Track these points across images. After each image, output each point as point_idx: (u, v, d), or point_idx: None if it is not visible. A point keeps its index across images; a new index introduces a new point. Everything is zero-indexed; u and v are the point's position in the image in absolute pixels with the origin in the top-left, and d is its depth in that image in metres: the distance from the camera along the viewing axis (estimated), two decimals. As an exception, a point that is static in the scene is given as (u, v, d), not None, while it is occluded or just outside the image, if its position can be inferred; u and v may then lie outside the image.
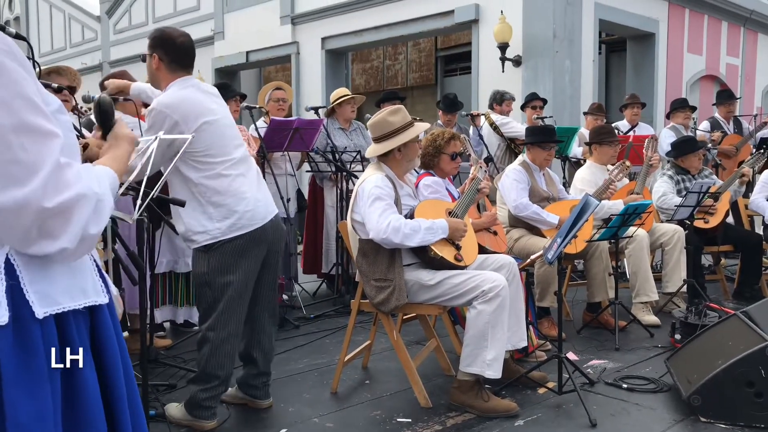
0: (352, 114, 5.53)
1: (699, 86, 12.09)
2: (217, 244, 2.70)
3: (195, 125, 2.64)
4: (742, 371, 2.81)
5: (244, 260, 2.75)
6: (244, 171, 2.78)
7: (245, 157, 2.84)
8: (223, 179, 2.69)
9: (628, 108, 6.74)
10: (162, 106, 2.66)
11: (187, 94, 2.71)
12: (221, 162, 2.71)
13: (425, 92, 13.11)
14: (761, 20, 13.33)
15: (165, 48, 2.73)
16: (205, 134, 2.67)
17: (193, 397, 2.80)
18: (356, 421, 2.98)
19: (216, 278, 2.73)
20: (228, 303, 2.75)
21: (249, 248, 2.75)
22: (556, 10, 8.91)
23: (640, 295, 4.49)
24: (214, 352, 2.76)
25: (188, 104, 2.68)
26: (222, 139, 2.74)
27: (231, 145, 2.77)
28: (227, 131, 2.80)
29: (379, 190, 3.03)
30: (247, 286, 2.81)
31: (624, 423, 2.91)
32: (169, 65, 2.74)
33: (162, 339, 4.13)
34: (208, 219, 2.69)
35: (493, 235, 3.94)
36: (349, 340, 3.37)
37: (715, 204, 4.97)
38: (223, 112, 2.83)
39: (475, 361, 2.97)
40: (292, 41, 12.14)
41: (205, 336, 2.78)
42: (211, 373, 2.78)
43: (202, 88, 2.82)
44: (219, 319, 2.76)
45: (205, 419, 2.81)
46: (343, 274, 5.14)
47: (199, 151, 2.66)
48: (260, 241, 2.79)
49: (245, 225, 2.72)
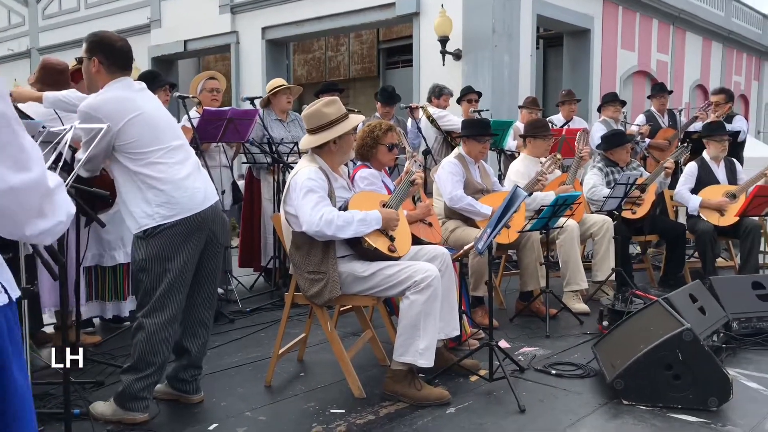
0: (289, 105, 5.48)
1: (632, 81, 12.52)
2: (156, 229, 2.72)
3: (121, 122, 2.71)
4: (662, 355, 2.94)
5: (183, 247, 2.76)
6: (181, 159, 2.82)
7: (182, 146, 2.88)
8: (159, 166, 2.74)
9: (565, 105, 6.91)
10: (87, 107, 2.75)
11: (114, 94, 2.78)
12: (154, 151, 2.75)
13: (367, 84, 13.10)
14: (689, 19, 13.89)
15: (105, 52, 2.81)
16: (133, 128, 2.74)
17: (127, 388, 2.74)
18: (289, 413, 2.97)
19: (154, 264, 2.74)
20: (165, 289, 2.75)
21: (187, 234, 2.76)
22: (495, 5, 9.05)
23: (570, 283, 4.63)
24: (149, 338, 2.73)
25: (112, 104, 2.74)
26: (153, 131, 2.78)
27: (165, 135, 2.81)
28: (159, 122, 2.83)
29: (311, 183, 3.02)
30: (186, 273, 2.81)
31: (551, 408, 3.00)
32: (108, 68, 2.81)
33: (91, 336, 4.01)
34: (147, 204, 2.73)
35: (428, 226, 3.97)
36: (282, 333, 3.35)
37: (642, 195, 5.16)
38: (150, 105, 2.87)
39: (408, 350, 3.00)
40: (232, 30, 11.93)
41: (140, 323, 2.76)
42: (147, 360, 2.74)
43: (133, 87, 2.86)
44: (155, 306, 2.75)
45: (138, 411, 2.76)
46: (281, 267, 5.10)
47: (128, 143, 2.74)
48: (199, 228, 2.80)
49: (183, 210, 2.74)
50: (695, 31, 14.39)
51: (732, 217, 5.28)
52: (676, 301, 3.44)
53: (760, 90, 18.65)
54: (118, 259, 3.96)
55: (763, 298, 3.98)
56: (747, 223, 5.22)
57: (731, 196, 5.38)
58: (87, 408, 2.81)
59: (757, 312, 3.93)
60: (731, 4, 16.29)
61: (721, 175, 5.64)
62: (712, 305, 3.80)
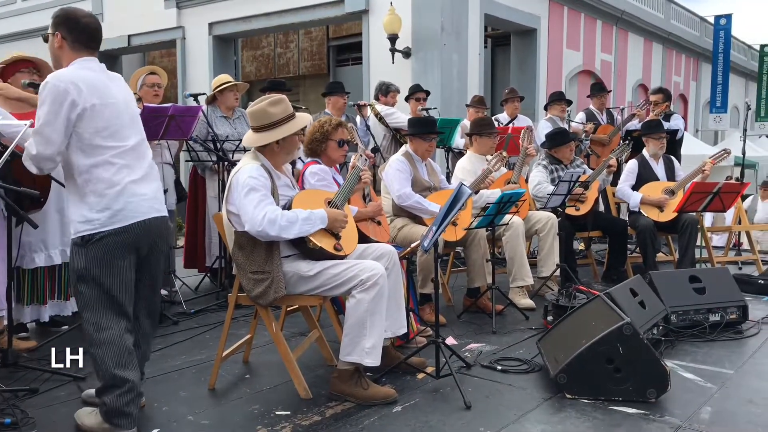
0: (236, 101, 5.38)
1: (577, 80, 12.80)
2: (96, 236, 2.56)
3: (88, 102, 2.54)
4: (603, 349, 3.00)
5: (124, 255, 2.61)
6: (130, 162, 2.66)
7: (139, 145, 2.74)
8: (110, 167, 2.59)
9: (508, 102, 7.00)
10: (55, 79, 2.54)
11: (85, 73, 2.61)
12: (112, 148, 2.60)
13: (317, 81, 13.01)
14: (631, 20, 14.30)
15: (68, 27, 2.65)
16: (99, 116, 2.57)
17: (111, 406, 2.57)
18: (233, 416, 2.91)
19: (93, 275, 2.57)
20: (108, 303, 2.59)
21: (129, 244, 2.62)
22: (444, 4, 9.11)
23: (516, 279, 4.69)
24: (109, 353, 2.56)
25: (83, 81, 2.56)
26: (117, 125, 2.64)
27: (126, 132, 2.68)
28: (125, 118, 2.69)
29: (254, 181, 2.96)
30: (128, 283, 2.65)
31: (497, 404, 3.02)
32: (72, 45, 2.65)
33: (24, 341, 3.84)
34: (88, 209, 2.58)
35: (376, 225, 3.97)
36: (226, 334, 3.28)
37: (585, 192, 5.28)
38: (124, 97, 2.74)
39: (355, 349, 2.98)
40: (178, 26, 11.67)
41: (93, 339, 2.59)
42: (118, 375, 2.57)
43: (106, 72, 2.72)
44: (101, 321, 2.58)
45: (124, 428, 2.60)
46: (227, 267, 5.00)
47: (90, 132, 2.57)
48: (141, 237, 2.66)
49: (125, 218, 2.59)
50: (637, 32, 14.83)
51: (671, 213, 5.45)
52: (617, 296, 3.52)
53: (698, 90, 19.36)
54: (38, 262, 3.79)
55: (699, 291, 4.12)
56: (685, 218, 5.39)
57: (670, 192, 5.56)
58: (17, 417, 2.69)
59: (693, 305, 4.07)
60: (671, 7, 16.86)
61: (660, 172, 5.82)
62: (651, 299, 3.91)
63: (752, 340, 3.95)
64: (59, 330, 4.12)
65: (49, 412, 2.93)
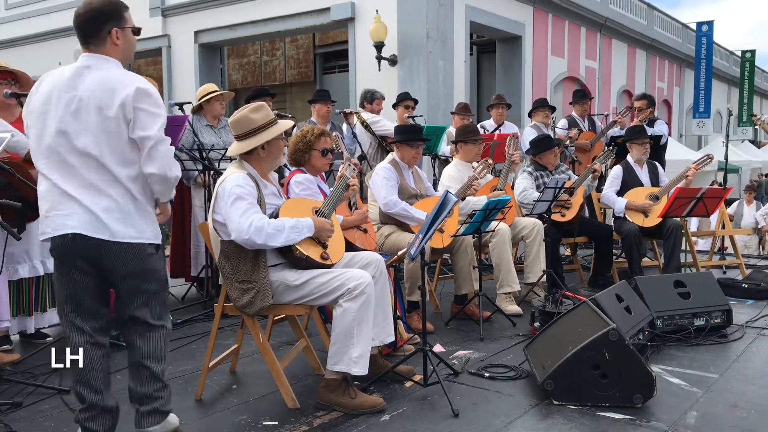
0: (222, 110, 5.37)
1: (562, 87, 12.91)
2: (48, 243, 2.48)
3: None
4: (589, 355, 3.01)
5: (61, 269, 2.48)
6: (58, 174, 2.42)
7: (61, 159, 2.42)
8: (40, 177, 2.47)
9: (494, 108, 7.04)
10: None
11: (42, 78, 2.50)
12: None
13: (304, 89, 13.02)
14: (615, 27, 14.43)
15: None
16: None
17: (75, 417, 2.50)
18: (221, 427, 2.89)
19: (55, 281, 2.55)
20: (63, 312, 2.50)
21: (60, 258, 2.47)
22: (429, 11, 9.16)
23: (503, 286, 4.70)
24: (77, 368, 2.47)
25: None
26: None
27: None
28: None
29: (240, 189, 2.95)
30: (73, 294, 2.47)
31: (485, 411, 3.03)
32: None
33: (8, 354, 3.79)
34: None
35: (363, 233, 3.97)
36: (213, 344, 3.26)
37: (570, 198, 5.31)
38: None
39: (342, 358, 2.97)
40: (163, 34, 11.64)
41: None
42: (76, 390, 2.48)
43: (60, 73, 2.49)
44: (66, 329, 2.53)
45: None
46: (213, 276, 4.98)
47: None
48: (66, 254, 2.42)
49: (42, 231, 2.47)
50: (621, 39, 14.99)
51: (655, 218, 5.50)
52: (603, 302, 3.53)
53: (681, 95, 19.59)
54: (22, 273, 3.76)
55: (684, 296, 4.15)
56: (669, 223, 5.44)
57: (654, 197, 5.61)
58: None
59: (678, 309, 4.10)
60: (653, 14, 17.05)
61: (645, 178, 5.87)
62: (637, 304, 3.94)
63: (737, 344, 3.98)
64: (44, 342, 4.08)
65: (33, 426, 2.90)
